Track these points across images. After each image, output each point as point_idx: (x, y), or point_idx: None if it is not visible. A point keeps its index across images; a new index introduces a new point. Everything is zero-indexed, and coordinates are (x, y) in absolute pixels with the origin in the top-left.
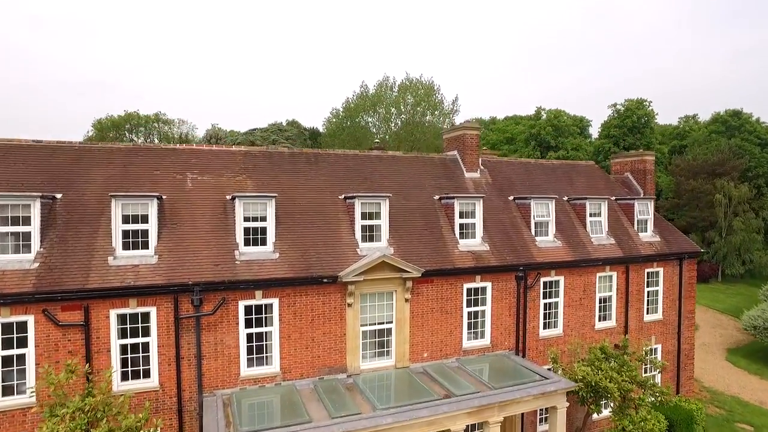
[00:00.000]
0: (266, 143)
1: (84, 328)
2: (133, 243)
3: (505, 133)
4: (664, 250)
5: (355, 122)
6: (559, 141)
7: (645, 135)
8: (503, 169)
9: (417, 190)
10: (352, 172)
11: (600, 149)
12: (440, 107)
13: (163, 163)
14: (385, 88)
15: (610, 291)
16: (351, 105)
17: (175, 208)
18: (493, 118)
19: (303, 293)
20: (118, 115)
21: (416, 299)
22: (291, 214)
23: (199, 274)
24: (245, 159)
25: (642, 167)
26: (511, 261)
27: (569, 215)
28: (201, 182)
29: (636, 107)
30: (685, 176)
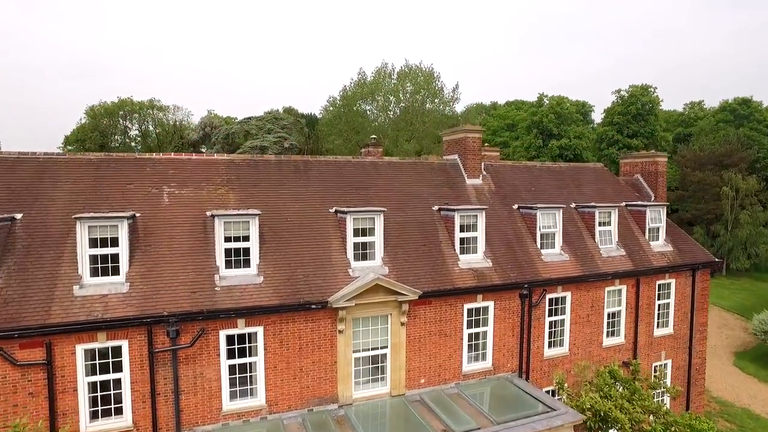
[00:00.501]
0: (261, 132)
1: (47, 366)
2: (102, 269)
3: (506, 119)
4: (677, 260)
5: (353, 110)
6: (562, 129)
7: (649, 122)
8: (507, 174)
9: (415, 200)
10: (344, 181)
11: (603, 136)
12: (440, 95)
13: (137, 176)
14: (383, 76)
15: (619, 306)
16: (348, 93)
17: (149, 227)
18: (494, 104)
19: (290, 320)
20: (111, 101)
21: (413, 322)
22: (277, 231)
23: (175, 303)
24: (228, 169)
25: (653, 169)
26: (515, 278)
27: (577, 224)
28: (179, 197)
29: (640, 93)
30: (691, 167)
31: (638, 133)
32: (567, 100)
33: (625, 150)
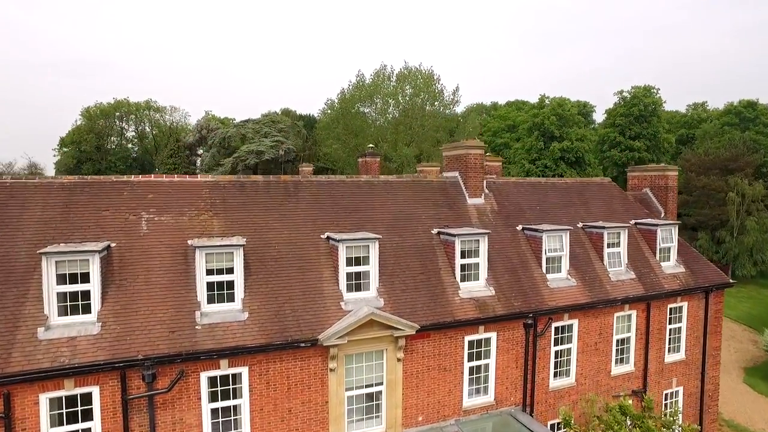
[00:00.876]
0: (258, 136)
1: (4, 420)
2: (72, 307)
3: (506, 120)
4: (690, 283)
5: (351, 114)
6: (564, 131)
7: (652, 124)
8: (511, 192)
9: (413, 223)
10: (337, 203)
11: (605, 138)
12: (440, 98)
13: (113, 201)
14: (382, 78)
15: (628, 332)
16: (346, 96)
17: (125, 258)
18: (495, 104)
19: (277, 359)
20: (107, 102)
21: (410, 357)
22: (264, 261)
23: (151, 344)
24: (212, 192)
25: (663, 183)
26: (520, 308)
27: (584, 245)
28: (158, 224)
29: (643, 95)
30: (695, 172)
31: (640, 134)
32: (568, 101)
33: (627, 152)
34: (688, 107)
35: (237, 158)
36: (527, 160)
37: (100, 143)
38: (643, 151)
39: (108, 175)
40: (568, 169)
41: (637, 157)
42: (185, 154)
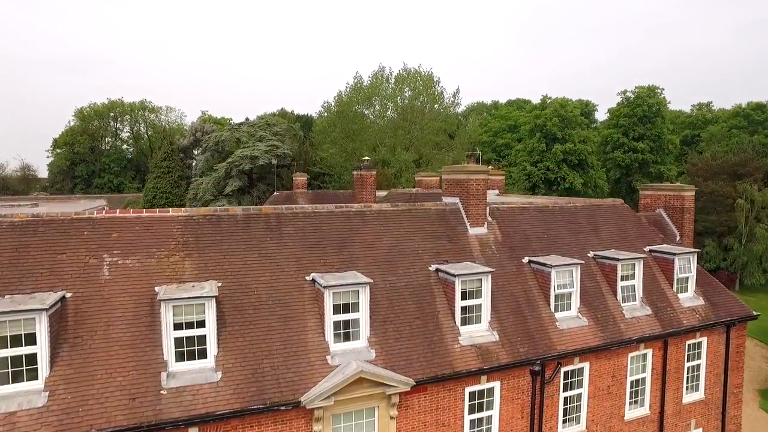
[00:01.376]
0: (252, 140)
1: None
2: (14, 374)
3: (507, 119)
4: (710, 317)
5: (349, 117)
6: (566, 133)
7: (656, 125)
8: (516, 219)
9: (409, 259)
10: (325, 237)
11: (608, 139)
12: (440, 100)
13: (72, 242)
14: (380, 80)
15: (643, 372)
16: (344, 98)
17: (82, 311)
18: (495, 103)
19: (254, 423)
20: (101, 102)
21: (405, 413)
22: (241, 309)
23: (107, 416)
24: (185, 228)
25: (679, 204)
26: (526, 354)
27: (596, 278)
28: (122, 268)
29: (647, 95)
30: (702, 177)
31: (644, 135)
32: (570, 102)
33: (631, 153)
34: (692, 107)
35: (231, 163)
36: (529, 162)
37: (94, 144)
38: (647, 152)
39: (102, 177)
40: (570, 172)
41: (640, 159)
42: (179, 158)
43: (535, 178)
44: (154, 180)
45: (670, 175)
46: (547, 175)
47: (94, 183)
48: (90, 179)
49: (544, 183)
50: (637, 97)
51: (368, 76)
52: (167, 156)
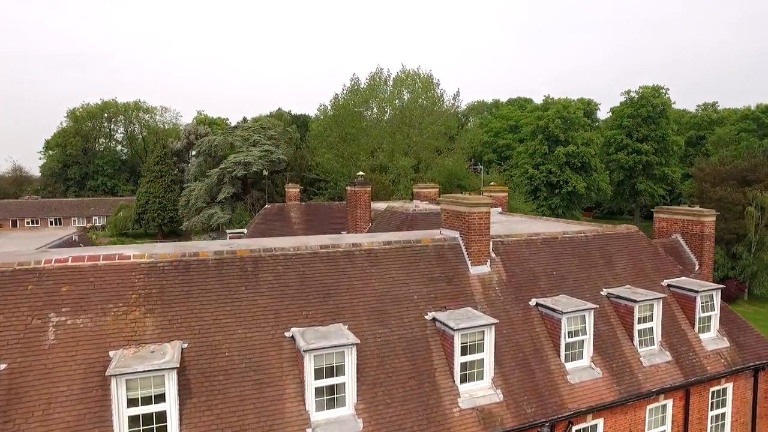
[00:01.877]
0: (246, 144)
1: None
2: None
3: (509, 119)
4: (736, 361)
5: (345, 121)
6: (569, 135)
7: (660, 126)
8: (522, 254)
9: (402, 306)
10: (307, 284)
11: (611, 140)
12: (440, 104)
13: (12, 299)
14: (378, 82)
15: (662, 425)
16: (340, 102)
17: (18, 386)
18: (496, 101)
19: None
20: (94, 103)
21: None
22: (210, 375)
23: None
24: (148, 276)
25: (698, 230)
26: (534, 415)
27: (610, 320)
28: (71, 329)
29: (651, 95)
30: (710, 182)
31: (648, 137)
32: (573, 103)
33: (635, 155)
34: (698, 107)
35: (224, 169)
36: (531, 164)
37: (87, 146)
38: (651, 154)
39: (96, 179)
40: (573, 175)
41: (644, 160)
42: (172, 161)
43: (537, 181)
44: (146, 184)
45: (674, 178)
46: (549, 178)
47: (88, 185)
48: (83, 181)
49: (546, 186)
50: (641, 98)
51: (365, 77)
52: (160, 160)
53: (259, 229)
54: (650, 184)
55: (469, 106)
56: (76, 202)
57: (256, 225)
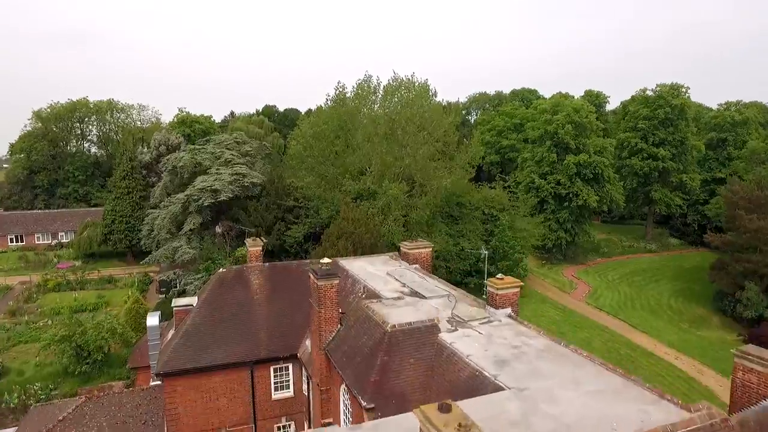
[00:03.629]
0: (216, 164)
1: None
2: None
3: (513, 117)
4: None
5: (328, 139)
6: (580, 142)
7: (679, 129)
8: None
9: None
10: None
11: (625, 144)
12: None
13: None
14: (366, 91)
15: None
16: (323, 114)
17: None
18: (499, 93)
19: None
20: (62, 103)
21: None
22: None
23: None
24: None
25: None
26: None
27: None
28: None
29: (669, 94)
30: (745, 209)
31: (666, 141)
32: (585, 106)
33: (650, 161)
34: (719, 106)
35: (189, 196)
36: (537, 173)
37: (56, 151)
38: (668, 159)
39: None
40: (584, 187)
41: (660, 167)
42: (141, 176)
43: (543, 192)
44: (113, 201)
45: (693, 186)
46: (557, 190)
47: (58, 193)
48: (53, 189)
49: (554, 198)
50: (658, 97)
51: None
52: (126, 174)
53: (212, 300)
54: (666, 192)
55: (470, 99)
56: (41, 216)
57: (209, 295)
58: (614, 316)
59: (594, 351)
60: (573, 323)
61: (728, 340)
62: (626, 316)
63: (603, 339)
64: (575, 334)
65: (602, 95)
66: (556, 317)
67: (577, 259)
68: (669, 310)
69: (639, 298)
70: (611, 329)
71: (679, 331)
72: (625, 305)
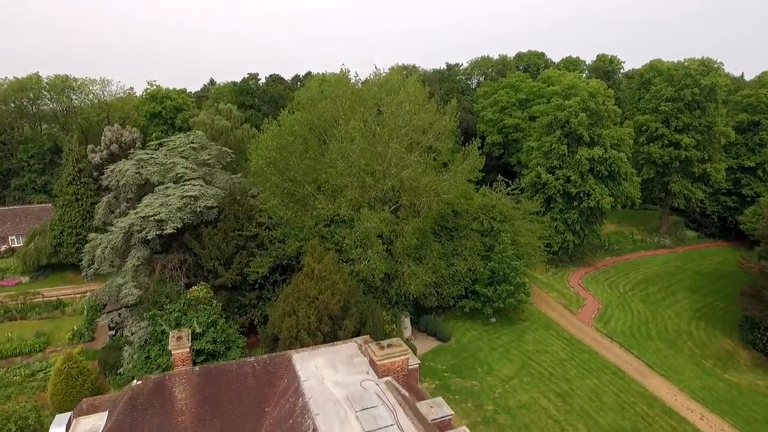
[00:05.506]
0: (167, 179)
1: None
2: None
3: (518, 92)
4: None
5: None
6: (595, 132)
7: (707, 112)
8: None
9: None
10: None
11: (643, 128)
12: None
13: None
14: (344, 92)
15: None
16: (287, 135)
17: None
18: (503, 57)
19: None
20: (9, 80)
21: None
22: None
23: None
24: None
25: None
26: None
27: None
28: None
29: (698, 72)
30: None
31: (690, 126)
32: (603, 89)
33: (671, 149)
34: (756, 80)
35: (131, 226)
36: (544, 167)
37: (4, 137)
38: (692, 148)
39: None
40: (597, 185)
41: (683, 156)
42: (91, 179)
43: (551, 189)
44: (60, 209)
45: (717, 178)
46: (567, 187)
47: (12, 184)
48: (6, 180)
49: (563, 197)
50: (685, 75)
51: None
52: (74, 179)
53: (120, 426)
54: (686, 185)
55: (472, 63)
56: None
57: (114, 426)
58: (627, 350)
59: (605, 407)
60: (580, 362)
61: (761, 387)
62: (641, 350)
63: (615, 388)
64: (583, 380)
65: (616, 60)
66: (562, 354)
67: (585, 259)
68: (689, 340)
69: (654, 320)
70: (624, 372)
71: (703, 374)
72: (639, 331)
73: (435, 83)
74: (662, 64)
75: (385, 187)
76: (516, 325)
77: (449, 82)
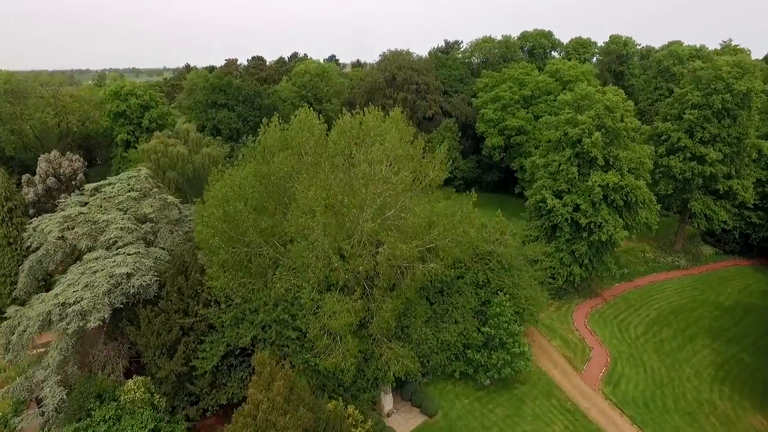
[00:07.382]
0: (99, 245)
1: None
2: None
3: (522, 87)
4: None
5: (247, 221)
6: (611, 153)
7: (739, 122)
8: None
9: None
10: None
11: (662, 137)
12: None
13: None
14: (303, 139)
15: None
16: (235, 199)
17: None
18: (507, 38)
19: None
20: None
21: None
22: None
23: None
24: None
25: None
26: None
27: None
28: None
29: (731, 74)
30: None
31: (718, 138)
32: (622, 102)
33: (694, 163)
34: None
35: (48, 314)
36: (551, 189)
37: None
38: (718, 163)
39: None
40: (611, 216)
41: (708, 173)
42: (25, 218)
43: (557, 217)
44: None
45: (745, 197)
46: (575, 216)
47: None
48: None
49: (570, 226)
50: (715, 78)
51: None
52: (3, 220)
53: None
54: (709, 203)
55: (472, 45)
56: None
57: None
58: (641, 429)
59: None
60: None
61: None
62: (656, 427)
63: None
64: None
65: (631, 42)
66: None
67: (592, 287)
68: (712, 414)
69: (671, 382)
70: None
71: None
72: (653, 399)
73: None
74: (682, 48)
75: (356, 271)
76: (513, 390)
77: (446, 68)
